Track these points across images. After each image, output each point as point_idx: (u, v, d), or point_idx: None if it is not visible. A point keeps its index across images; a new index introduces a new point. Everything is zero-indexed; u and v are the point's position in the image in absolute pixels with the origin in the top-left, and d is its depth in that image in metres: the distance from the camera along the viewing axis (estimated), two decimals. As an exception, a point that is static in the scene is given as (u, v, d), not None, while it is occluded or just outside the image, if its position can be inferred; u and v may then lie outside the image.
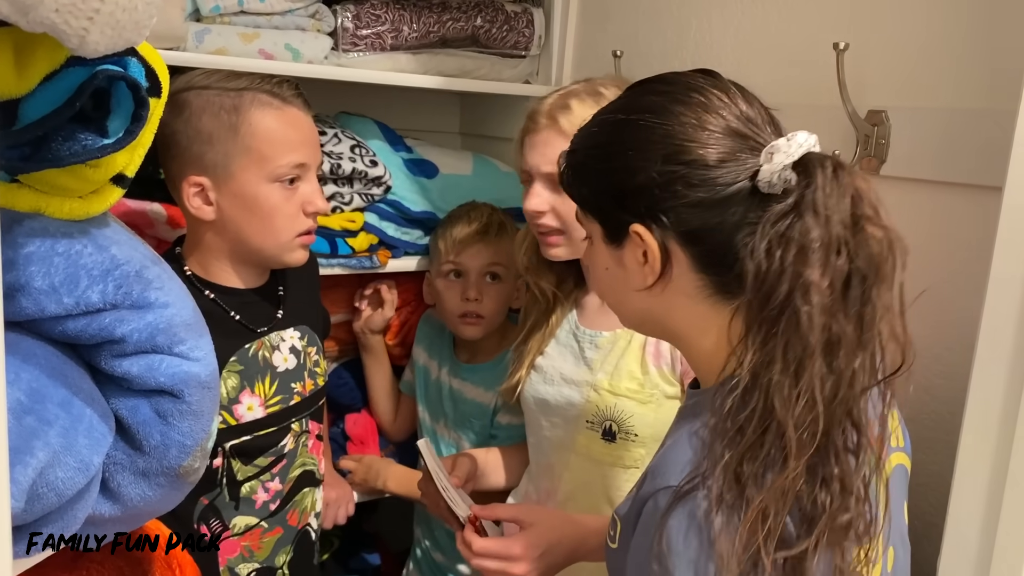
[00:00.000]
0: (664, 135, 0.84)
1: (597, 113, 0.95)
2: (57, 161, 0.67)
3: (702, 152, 0.83)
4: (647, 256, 0.87)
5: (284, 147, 1.28)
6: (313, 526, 1.50)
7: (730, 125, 0.85)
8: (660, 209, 0.84)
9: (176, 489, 0.78)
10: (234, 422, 1.33)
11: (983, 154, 1.10)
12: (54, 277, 0.69)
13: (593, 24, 1.86)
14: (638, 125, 0.86)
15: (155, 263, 0.77)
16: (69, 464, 0.67)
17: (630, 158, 0.85)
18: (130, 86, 0.68)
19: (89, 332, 0.71)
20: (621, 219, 0.88)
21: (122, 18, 0.57)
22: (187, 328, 0.76)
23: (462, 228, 1.70)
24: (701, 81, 0.88)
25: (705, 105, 0.85)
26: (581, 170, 0.93)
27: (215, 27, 1.57)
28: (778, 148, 0.81)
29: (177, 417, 0.74)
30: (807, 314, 0.75)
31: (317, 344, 1.49)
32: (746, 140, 0.84)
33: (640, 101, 0.89)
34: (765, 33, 1.43)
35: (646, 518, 0.81)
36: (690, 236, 0.85)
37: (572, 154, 0.95)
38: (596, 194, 0.91)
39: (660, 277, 0.87)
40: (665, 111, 0.85)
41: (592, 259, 0.96)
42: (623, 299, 0.94)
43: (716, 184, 0.83)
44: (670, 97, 0.86)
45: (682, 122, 0.84)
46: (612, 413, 1.33)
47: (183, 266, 1.33)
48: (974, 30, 1.13)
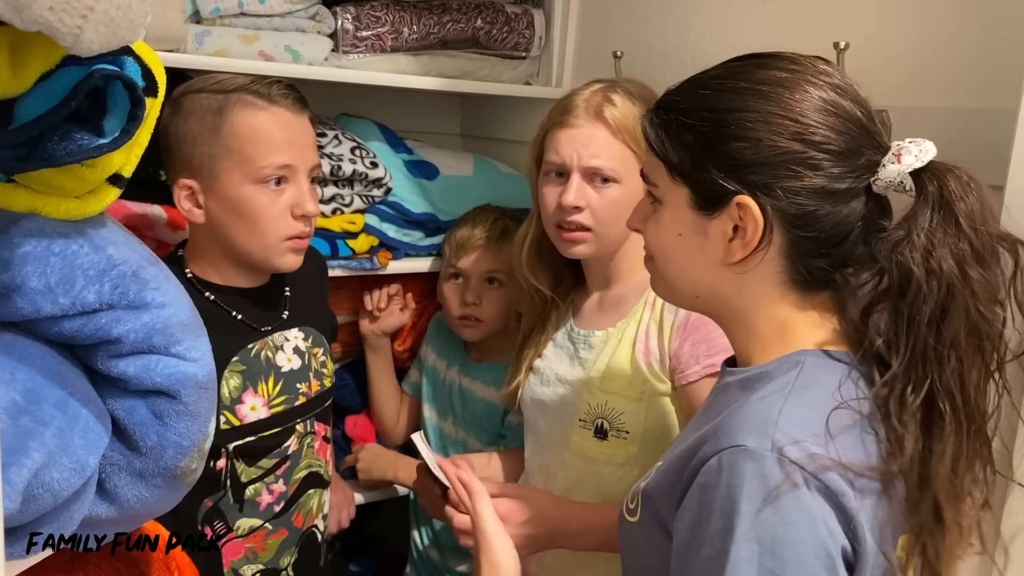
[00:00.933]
0: (798, 112, 0.83)
1: (700, 76, 0.92)
2: (53, 161, 0.67)
3: (835, 138, 0.83)
4: (739, 231, 0.86)
5: (267, 148, 1.26)
6: (320, 528, 1.49)
7: (860, 118, 0.85)
8: (776, 186, 0.83)
9: (173, 490, 0.77)
10: (237, 422, 1.32)
11: (984, 153, 1.09)
12: (50, 277, 0.69)
13: (593, 25, 1.86)
14: (767, 96, 0.84)
15: (152, 263, 0.77)
16: (65, 465, 0.67)
17: (753, 128, 0.83)
18: (126, 85, 0.68)
19: (85, 332, 0.70)
20: (724, 188, 0.85)
21: (116, 16, 0.57)
22: (184, 328, 0.75)
23: (465, 232, 1.71)
24: (829, 67, 0.88)
25: (840, 92, 0.85)
26: (679, 130, 0.89)
27: (215, 29, 1.56)
28: (908, 151, 0.82)
29: (174, 418, 0.74)
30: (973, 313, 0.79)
31: (324, 345, 1.49)
32: (871, 137, 0.85)
33: (766, 74, 0.86)
34: (766, 33, 1.43)
35: (706, 478, 0.79)
36: (798, 220, 0.84)
37: (666, 112, 0.91)
38: (697, 158, 0.87)
39: (750, 255, 0.86)
40: (798, 88, 0.84)
41: (661, 224, 0.93)
42: (687, 269, 0.92)
43: (839, 174, 0.83)
44: (801, 76, 0.85)
45: (816, 105, 0.83)
46: (603, 411, 1.33)
47: (184, 269, 1.33)
48: (975, 29, 1.13)
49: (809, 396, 0.81)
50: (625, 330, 1.35)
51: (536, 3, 1.95)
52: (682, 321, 1.28)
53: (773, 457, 0.75)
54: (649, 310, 1.33)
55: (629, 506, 0.95)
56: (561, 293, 1.48)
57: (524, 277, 1.49)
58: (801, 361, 0.85)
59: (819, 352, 0.86)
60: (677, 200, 0.90)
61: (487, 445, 1.75)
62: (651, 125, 0.93)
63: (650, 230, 0.96)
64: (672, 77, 1.59)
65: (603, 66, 1.72)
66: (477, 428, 1.77)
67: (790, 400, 0.80)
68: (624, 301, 1.38)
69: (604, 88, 1.34)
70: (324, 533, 1.52)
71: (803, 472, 0.74)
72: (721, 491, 0.76)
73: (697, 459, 0.81)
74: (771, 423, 0.78)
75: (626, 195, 1.30)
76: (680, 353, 1.27)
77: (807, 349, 0.87)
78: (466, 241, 1.70)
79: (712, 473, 0.78)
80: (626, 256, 1.38)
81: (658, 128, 0.91)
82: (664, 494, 0.87)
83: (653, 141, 0.92)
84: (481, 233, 1.70)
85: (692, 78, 0.93)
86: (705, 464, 0.79)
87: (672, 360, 1.29)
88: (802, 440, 0.76)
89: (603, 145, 1.31)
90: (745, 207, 0.84)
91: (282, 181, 1.29)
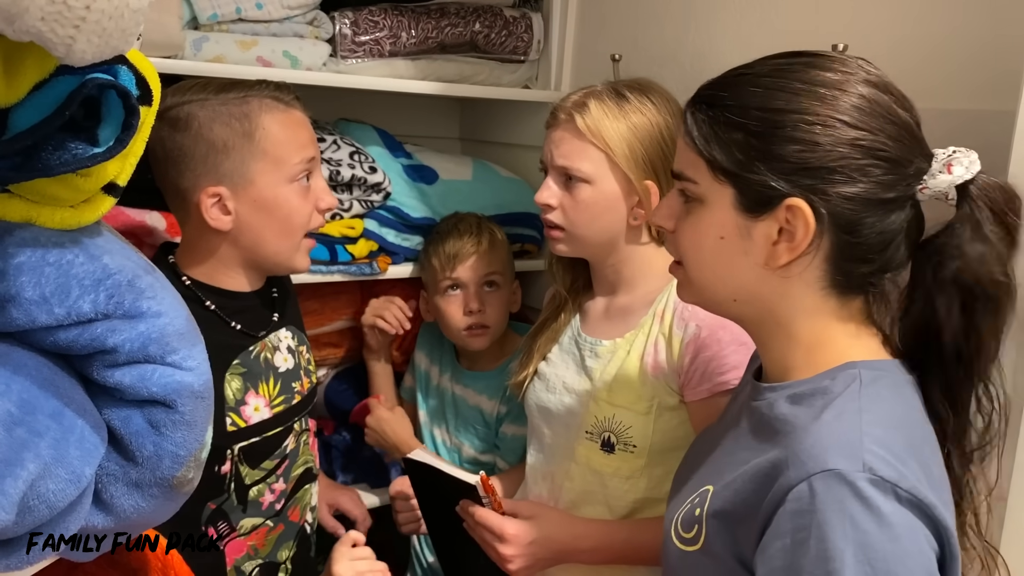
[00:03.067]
0: (856, 117, 0.82)
1: (746, 71, 0.89)
2: (47, 171, 0.66)
3: (890, 146, 0.82)
4: (784, 234, 0.85)
5: (296, 147, 1.31)
6: (309, 520, 1.51)
7: (911, 126, 0.84)
8: (831, 190, 0.82)
9: (170, 500, 0.77)
10: (243, 424, 1.33)
11: (984, 155, 1.08)
12: (45, 287, 0.68)
13: (592, 28, 1.86)
14: (823, 99, 0.83)
15: (148, 272, 0.76)
16: (60, 476, 0.66)
17: (810, 130, 0.82)
18: (120, 94, 0.68)
19: (80, 342, 0.70)
20: (773, 189, 0.83)
21: (108, 26, 0.57)
22: (180, 337, 0.75)
23: (454, 242, 1.70)
24: (874, 69, 0.87)
25: (893, 97, 0.84)
26: (725, 128, 0.86)
27: (213, 35, 1.56)
28: (959, 161, 0.82)
29: (170, 427, 0.73)
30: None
31: (306, 343, 1.51)
32: (920, 144, 0.85)
33: (818, 75, 0.84)
34: (764, 35, 1.42)
35: (798, 504, 0.77)
36: (847, 226, 0.83)
37: (710, 108, 0.88)
38: (745, 158, 0.85)
39: (796, 259, 0.85)
40: (854, 93, 0.83)
41: (700, 225, 0.90)
42: (728, 272, 0.90)
43: (891, 182, 0.83)
44: (856, 79, 0.84)
45: (872, 109, 0.83)
46: (610, 424, 1.33)
47: (180, 275, 1.32)
48: (974, 30, 1.12)
49: (881, 412, 0.81)
50: (633, 342, 1.34)
51: (534, 6, 1.95)
52: (692, 337, 1.27)
53: (866, 478, 0.75)
54: (658, 323, 1.32)
55: (684, 535, 0.92)
56: (573, 294, 1.49)
57: (548, 272, 1.53)
58: (856, 375, 0.84)
59: (870, 363, 0.86)
60: (720, 200, 0.88)
61: (480, 453, 1.75)
62: (694, 120, 0.89)
63: (686, 232, 0.93)
64: (671, 80, 1.60)
65: (602, 69, 1.72)
66: (470, 435, 1.77)
67: (866, 418, 0.80)
68: (631, 312, 1.38)
69: (586, 93, 1.36)
70: (313, 525, 1.53)
71: (897, 489, 0.75)
72: (817, 516, 0.75)
73: (780, 485, 0.80)
74: (857, 444, 0.77)
75: (596, 196, 1.33)
76: (691, 369, 1.27)
77: (856, 360, 0.86)
78: (459, 251, 1.69)
79: (804, 499, 0.77)
80: (628, 264, 1.38)
81: (702, 124, 0.88)
82: (740, 520, 0.84)
83: (696, 138, 0.89)
84: (471, 240, 1.70)
85: (737, 73, 0.90)
86: (792, 490, 0.78)
87: (683, 376, 1.28)
88: (889, 458, 0.76)
89: (572, 145, 1.33)
90: (797, 210, 0.83)
91: (310, 176, 1.34)
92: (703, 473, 0.97)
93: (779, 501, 0.79)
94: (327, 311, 1.87)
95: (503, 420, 1.71)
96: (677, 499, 0.98)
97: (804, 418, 0.83)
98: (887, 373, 0.86)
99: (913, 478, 0.76)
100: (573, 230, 1.36)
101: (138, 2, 0.57)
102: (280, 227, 1.31)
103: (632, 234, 1.36)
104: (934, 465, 0.81)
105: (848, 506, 0.74)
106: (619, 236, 1.35)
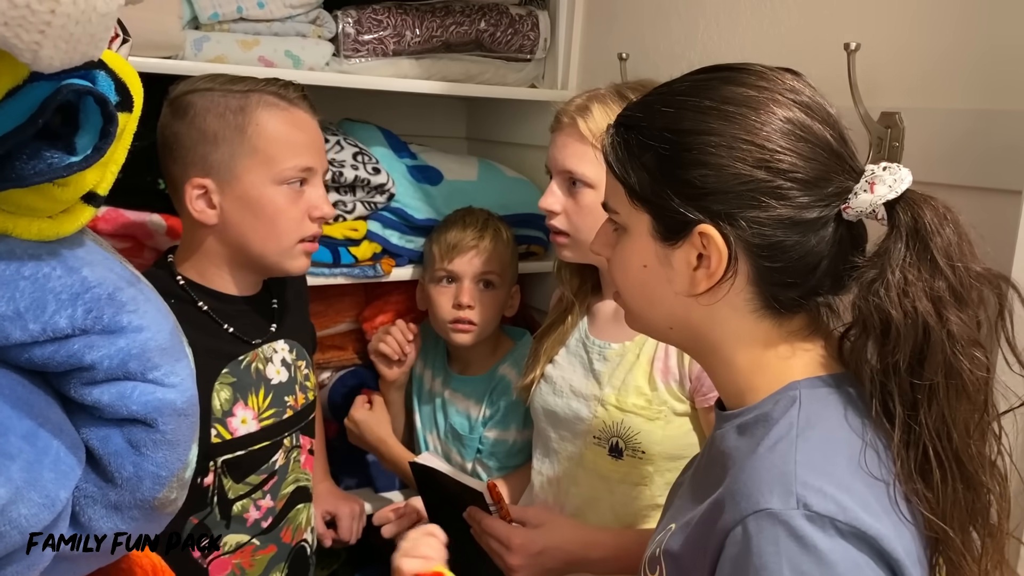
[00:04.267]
0: (763, 136, 0.78)
1: (664, 90, 0.86)
2: (21, 180, 0.64)
3: (802, 166, 0.78)
4: (703, 260, 0.81)
5: (291, 149, 1.27)
6: (309, 541, 1.48)
7: (830, 141, 0.79)
8: (740, 215, 0.78)
9: (152, 522, 0.74)
10: (228, 436, 1.30)
11: (1000, 157, 1.06)
12: (19, 302, 0.65)
13: (599, 26, 1.82)
14: (731, 118, 0.79)
15: (131, 284, 0.74)
16: (33, 500, 0.64)
17: (716, 153, 0.78)
18: (98, 101, 0.65)
19: (57, 359, 0.67)
20: (685, 216, 0.80)
21: (76, 31, 0.54)
22: (162, 353, 0.72)
23: (456, 233, 1.67)
24: (798, 83, 0.82)
25: (810, 112, 0.80)
26: (639, 151, 0.83)
27: (214, 35, 1.54)
28: (881, 180, 0.77)
29: (151, 447, 0.71)
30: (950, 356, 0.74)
31: (307, 358, 1.48)
32: (842, 161, 0.80)
33: (732, 91, 0.81)
34: (774, 34, 1.39)
35: (735, 549, 0.73)
36: (764, 250, 0.79)
37: (627, 130, 0.85)
38: (657, 182, 0.82)
39: (716, 284, 0.81)
40: (764, 108, 0.79)
41: (624, 254, 0.88)
42: (656, 302, 0.87)
43: (807, 203, 0.78)
44: (768, 95, 0.80)
45: (782, 128, 0.78)
46: (619, 429, 1.30)
47: (175, 274, 1.31)
48: (989, 29, 1.09)
49: (818, 436, 0.76)
50: (643, 346, 1.32)
51: (541, 4, 1.92)
52: None
53: (801, 515, 0.70)
54: None
55: (648, 573, 0.88)
56: (581, 296, 1.47)
57: (556, 275, 1.51)
58: (796, 396, 0.80)
59: (812, 381, 0.81)
60: (639, 228, 0.85)
61: (467, 460, 1.73)
62: (611, 144, 0.86)
63: (615, 262, 0.90)
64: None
65: (609, 68, 1.69)
66: (457, 442, 1.74)
67: (800, 446, 0.75)
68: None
69: (590, 96, 1.33)
70: (313, 546, 1.50)
71: (836, 523, 0.70)
72: (754, 561, 0.71)
73: (720, 528, 0.76)
74: (790, 477, 0.72)
75: (600, 201, 1.28)
76: (701, 375, 1.25)
77: (798, 380, 0.82)
78: (459, 242, 1.66)
79: (739, 544, 0.73)
80: None
81: (618, 148, 0.85)
82: (695, 565, 0.80)
83: (613, 163, 0.86)
84: (473, 234, 1.67)
85: (656, 91, 0.87)
86: (730, 534, 0.74)
87: (693, 382, 1.26)
88: (825, 488, 0.71)
89: (575, 150, 1.31)
90: (708, 236, 0.79)
91: (304, 183, 1.29)
92: (674, 508, 0.93)
93: (720, 546, 0.75)
94: (331, 313, 1.85)
95: (487, 423, 1.69)
96: (654, 534, 0.94)
97: (743, 451, 0.79)
98: (831, 388, 0.81)
99: (856, 507, 0.71)
100: (578, 235, 1.33)
101: (106, 6, 0.54)
102: (265, 228, 1.27)
103: None
104: (887, 484, 0.75)
105: (784, 548, 0.70)
106: None
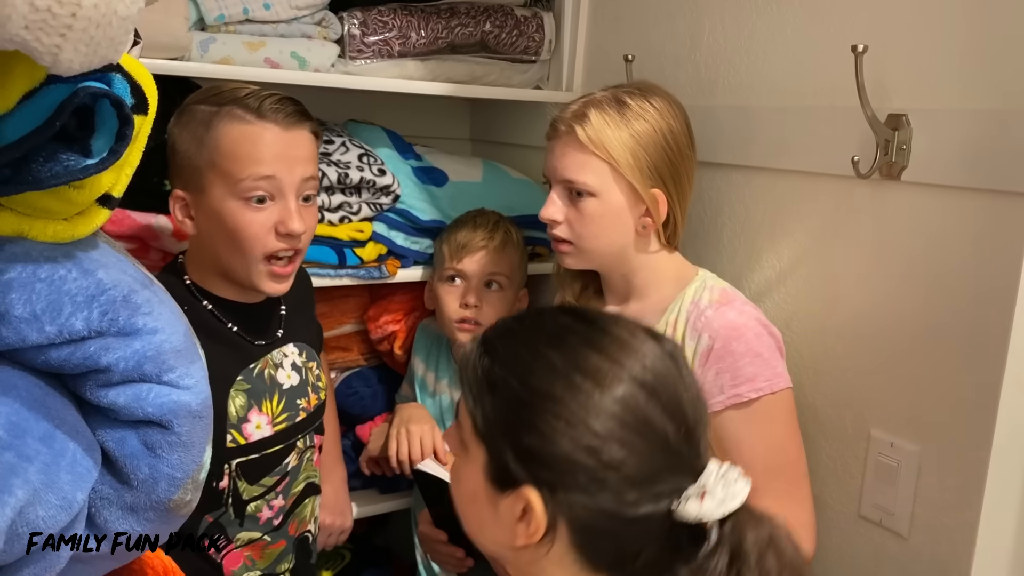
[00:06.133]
0: (600, 422, 0.75)
1: (527, 324, 0.84)
2: (38, 183, 0.64)
3: (632, 462, 0.75)
4: (527, 518, 0.78)
5: (247, 162, 1.22)
6: (312, 531, 1.49)
7: (668, 438, 0.76)
8: (564, 492, 0.75)
9: (166, 523, 0.74)
10: (243, 440, 1.31)
11: (1009, 158, 1.06)
12: (36, 304, 0.66)
13: (604, 28, 1.82)
14: (576, 389, 0.76)
15: (145, 286, 0.74)
16: (51, 502, 0.64)
17: (553, 426, 0.75)
18: (114, 104, 0.65)
19: (73, 361, 0.67)
20: (515, 472, 0.77)
21: (96, 34, 0.54)
22: (177, 355, 0.72)
23: (466, 234, 1.67)
24: (655, 357, 0.79)
25: (654, 397, 0.77)
26: (489, 387, 0.80)
27: (220, 36, 1.54)
28: (712, 494, 0.74)
29: (166, 449, 0.71)
30: None
31: (316, 359, 1.48)
32: (679, 460, 0.77)
33: (584, 356, 0.78)
34: (781, 35, 1.39)
35: None
36: (583, 529, 0.77)
37: (487, 356, 0.81)
38: (499, 427, 0.79)
39: (536, 544, 0.78)
40: (608, 389, 0.76)
41: (459, 479, 0.85)
42: (489, 533, 0.83)
43: (633, 500, 0.75)
44: (618, 370, 0.77)
45: (621, 417, 0.75)
46: None
47: (183, 276, 1.32)
48: (998, 29, 1.08)
49: None
50: None
51: (546, 6, 1.91)
52: (705, 349, 1.24)
53: None
54: (671, 332, 1.29)
55: None
56: (583, 301, 1.46)
57: (557, 280, 1.50)
58: None
59: None
60: (477, 458, 0.81)
61: None
62: (472, 365, 0.83)
63: (453, 475, 0.87)
64: (685, 81, 1.57)
65: (614, 70, 1.69)
66: None
67: None
68: (643, 320, 1.34)
69: (587, 102, 1.31)
70: (315, 534, 1.51)
71: None
72: None
73: None
74: None
75: (603, 208, 1.29)
76: (704, 382, 1.23)
77: None
78: (468, 243, 1.66)
79: None
80: (639, 273, 1.35)
81: (477, 370, 0.82)
82: None
83: (471, 383, 0.82)
84: (483, 235, 1.67)
85: (522, 324, 0.85)
86: None
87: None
88: None
89: (575, 158, 1.29)
90: (531, 502, 0.77)
91: (266, 199, 1.24)
92: None
93: None
94: (336, 314, 1.85)
95: None
96: None
97: None
98: None
99: None
100: (581, 244, 1.33)
101: (126, 9, 0.54)
102: (230, 243, 1.24)
103: (641, 243, 1.32)
104: None
105: None
106: (628, 246, 1.32)
